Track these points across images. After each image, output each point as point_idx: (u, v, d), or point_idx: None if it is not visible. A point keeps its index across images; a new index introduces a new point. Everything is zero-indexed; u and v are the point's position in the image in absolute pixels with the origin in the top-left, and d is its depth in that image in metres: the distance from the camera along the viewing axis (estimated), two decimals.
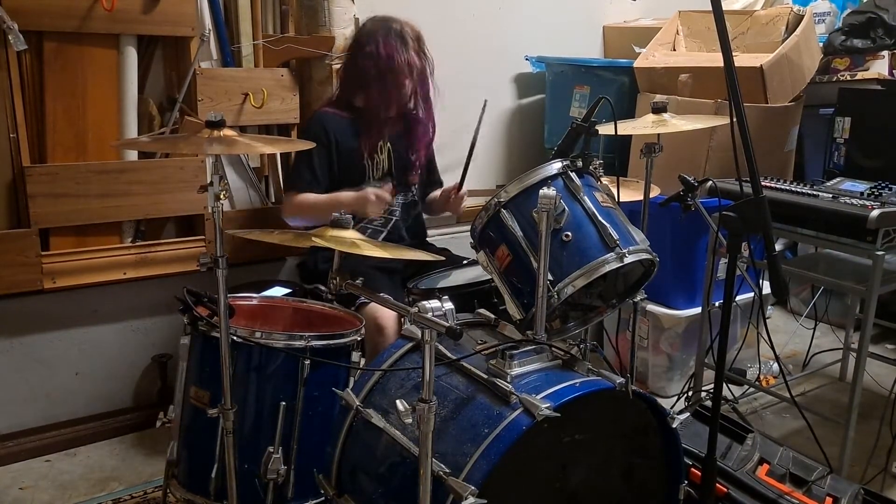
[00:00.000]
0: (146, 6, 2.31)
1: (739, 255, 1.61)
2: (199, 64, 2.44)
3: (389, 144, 2.49)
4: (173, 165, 2.44)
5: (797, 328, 3.27)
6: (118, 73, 2.36)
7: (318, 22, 2.61)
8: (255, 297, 2.14)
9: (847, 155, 3.15)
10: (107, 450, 2.51)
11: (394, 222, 2.53)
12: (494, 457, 1.33)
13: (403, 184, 2.55)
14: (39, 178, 2.25)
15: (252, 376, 1.80)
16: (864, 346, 2.22)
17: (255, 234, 1.65)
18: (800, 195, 2.39)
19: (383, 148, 2.48)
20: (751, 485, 1.89)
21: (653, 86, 3.03)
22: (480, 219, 1.67)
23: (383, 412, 1.55)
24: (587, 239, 1.57)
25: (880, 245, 2.12)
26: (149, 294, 2.59)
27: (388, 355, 1.68)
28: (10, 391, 2.45)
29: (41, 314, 2.45)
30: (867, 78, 3.35)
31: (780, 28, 3.01)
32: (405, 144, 2.55)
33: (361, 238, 1.60)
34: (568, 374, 1.52)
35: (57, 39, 2.25)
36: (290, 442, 1.80)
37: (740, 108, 1.47)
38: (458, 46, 3.14)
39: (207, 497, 1.79)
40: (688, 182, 2.05)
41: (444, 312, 1.30)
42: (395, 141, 2.52)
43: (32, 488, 2.28)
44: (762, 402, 2.88)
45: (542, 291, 1.52)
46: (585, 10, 3.54)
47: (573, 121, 1.68)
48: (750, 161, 1.50)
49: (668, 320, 2.84)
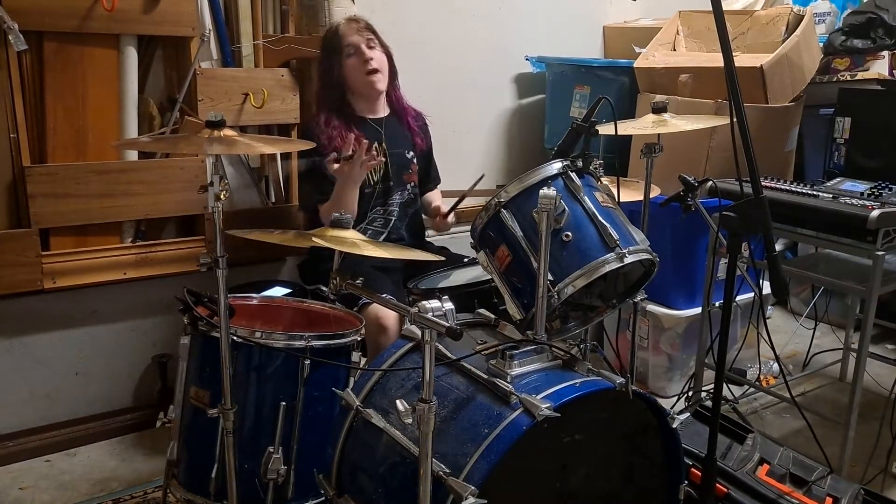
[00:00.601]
0: (146, 6, 2.31)
1: (739, 255, 1.61)
2: (199, 64, 2.45)
3: (385, 144, 2.50)
4: (173, 165, 2.44)
5: (797, 328, 3.27)
6: (118, 73, 2.36)
7: (319, 22, 2.61)
8: (255, 297, 2.14)
9: (847, 155, 3.15)
10: (107, 450, 2.51)
11: (392, 222, 2.53)
12: (494, 457, 1.33)
13: (400, 182, 2.55)
14: (39, 178, 2.25)
15: (252, 376, 1.80)
16: (864, 346, 2.22)
17: (255, 234, 1.65)
18: (800, 195, 2.39)
19: (378, 149, 2.48)
20: (751, 485, 1.89)
21: (653, 86, 3.03)
22: (480, 219, 1.67)
23: (383, 412, 1.55)
24: (587, 239, 1.57)
25: (880, 245, 2.12)
26: (149, 294, 2.59)
27: (389, 355, 1.68)
28: (10, 391, 2.45)
29: (41, 314, 2.45)
30: (867, 78, 3.35)
31: (780, 28, 3.01)
32: (401, 143, 2.56)
33: (361, 238, 1.60)
34: (568, 374, 1.52)
35: (57, 39, 2.25)
36: (290, 442, 1.80)
37: (740, 108, 1.47)
38: (458, 46, 3.15)
39: (207, 497, 1.79)
40: (688, 182, 2.05)
41: (444, 312, 1.30)
42: (391, 140, 2.53)
43: (32, 488, 2.28)
44: (762, 402, 2.88)
45: (542, 291, 1.52)
46: (585, 10, 3.54)
47: (573, 121, 1.68)
48: (750, 161, 1.49)
49: (668, 320, 2.84)
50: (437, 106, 2.73)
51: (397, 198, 2.54)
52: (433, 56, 3.05)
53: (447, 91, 3.11)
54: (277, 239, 1.68)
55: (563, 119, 3.20)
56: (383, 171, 2.50)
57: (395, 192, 2.53)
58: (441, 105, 2.70)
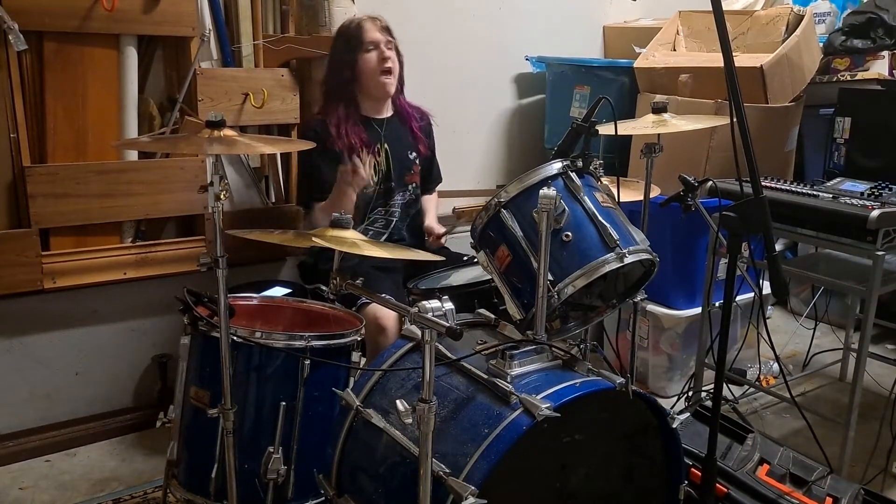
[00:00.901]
0: (146, 6, 2.31)
1: (739, 255, 1.61)
2: (199, 64, 2.44)
3: (387, 145, 2.49)
4: (173, 165, 2.44)
5: (797, 328, 3.27)
6: (118, 73, 2.36)
7: (319, 22, 2.61)
8: (255, 297, 2.14)
9: (847, 155, 3.15)
10: (107, 450, 2.51)
11: (394, 223, 2.53)
12: (494, 457, 1.33)
13: (402, 184, 2.55)
14: (39, 178, 2.25)
15: (252, 376, 1.80)
16: (864, 346, 2.22)
17: (255, 234, 1.65)
18: (800, 195, 2.39)
19: (381, 150, 2.48)
20: (751, 485, 1.89)
21: (653, 86, 3.03)
22: (480, 219, 1.67)
23: (383, 412, 1.55)
24: (587, 239, 1.57)
25: (880, 245, 2.12)
26: (149, 294, 2.59)
27: (388, 355, 1.68)
28: (10, 391, 2.45)
29: (41, 314, 2.45)
30: (867, 78, 3.35)
31: (780, 28, 3.01)
32: (403, 144, 2.55)
33: (361, 238, 1.60)
34: (568, 374, 1.52)
35: (57, 39, 2.25)
36: (290, 442, 1.80)
37: (740, 108, 1.47)
38: (458, 46, 3.15)
39: (207, 497, 1.79)
40: (688, 182, 2.05)
41: (444, 312, 1.31)
42: (393, 141, 2.52)
43: (32, 488, 2.28)
44: (762, 402, 2.88)
45: (543, 291, 1.52)
46: (585, 10, 3.54)
47: (573, 121, 1.68)
48: (750, 161, 1.49)
49: (668, 320, 2.84)
50: (437, 106, 2.73)
51: (399, 199, 2.54)
52: (433, 56, 3.05)
53: (447, 91, 3.10)
54: (277, 239, 1.68)
55: (563, 119, 3.20)
56: (385, 172, 2.50)
57: (396, 193, 2.53)
58: (441, 105, 2.70)
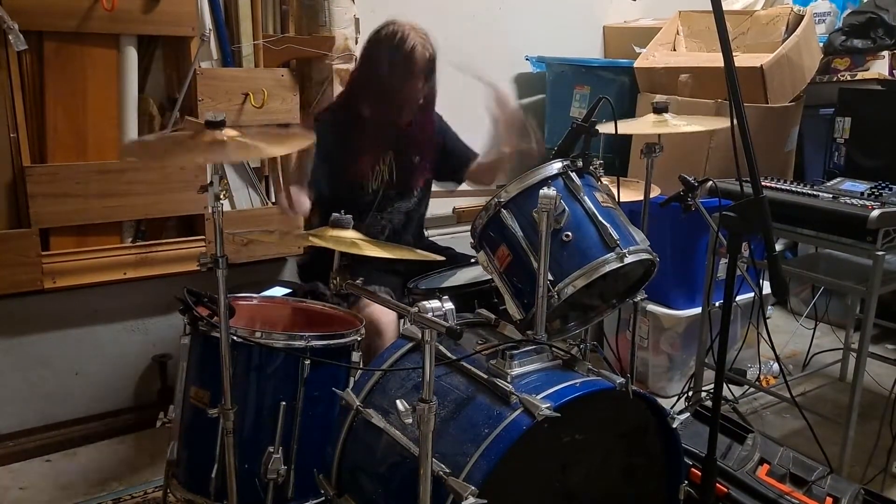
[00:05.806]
0: (146, 6, 2.31)
1: (739, 255, 1.61)
2: (199, 64, 2.44)
3: (392, 152, 2.39)
4: (173, 165, 2.44)
5: (797, 328, 3.27)
6: (118, 73, 2.36)
7: (319, 22, 2.61)
8: (255, 297, 2.13)
9: (847, 155, 3.15)
10: (107, 450, 2.50)
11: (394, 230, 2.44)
12: (494, 457, 1.33)
13: (407, 189, 2.45)
14: (39, 178, 2.25)
15: (252, 376, 1.80)
16: (864, 346, 2.22)
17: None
18: (800, 195, 2.39)
19: (385, 158, 2.38)
20: (751, 485, 1.89)
21: (653, 86, 3.03)
22: (481, 219, 1.67)
23: (383, 412, 1.55)
24: (587, 239, 1.57)
25: (880, 245, 2.12)
26: (149, 294, 2.59)
27: (388, 355, 1.68)
28: (10, 391, 2.45)
29: (41, 314, 2.45)
30: (867, 78, 3.35)
31: (780, 28, 3.01)
32: (408, 149, 2.43)
33: (361, 238, 1.60)
34: (568, 375, 1.52)
35: (57, 39, 2.25)
36: (290, 442, 1.80)
37: (740, 109, 1.47)
38: (458, 46, 3.14)
39: (207, 497, 1.79)
40: (688, 182, 2.05)
41: (444, 312, 1.30)
42: (400, 147, 2.41)
43: (32, 488, 2.28)
44: (762, 402, 2.88)
45: (543, 291, 1.52)
46: (585, 10, 3.54)
47: (573, 121, 1.69)
48: (750, 161, 1.49)
49: (668, 320, 2.84)
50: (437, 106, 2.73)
51: (401, 205, 2.44)
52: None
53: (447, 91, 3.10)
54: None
55: (564, 119, 3.20)
56: (388, 179, 2.39)
57: (399, 200, 2.43)
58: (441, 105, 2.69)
